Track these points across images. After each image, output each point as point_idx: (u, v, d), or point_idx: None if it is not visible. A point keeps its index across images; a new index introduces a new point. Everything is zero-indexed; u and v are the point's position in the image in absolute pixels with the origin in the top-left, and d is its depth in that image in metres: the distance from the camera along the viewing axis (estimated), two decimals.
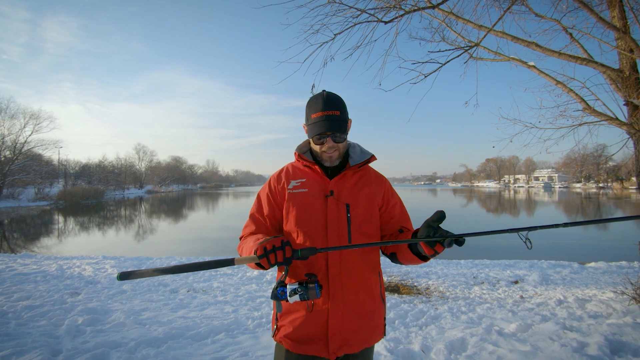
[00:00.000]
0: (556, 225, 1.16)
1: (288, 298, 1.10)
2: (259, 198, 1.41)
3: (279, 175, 1.40)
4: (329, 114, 1.26)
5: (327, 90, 1.33)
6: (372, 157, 1.40)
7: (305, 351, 1.24)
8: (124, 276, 1.09)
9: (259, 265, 1.12)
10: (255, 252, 1.07)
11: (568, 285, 5.15)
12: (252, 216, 1.39)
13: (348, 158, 1.39)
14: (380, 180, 1.40)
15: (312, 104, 1.31)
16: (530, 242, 1.11)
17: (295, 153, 1.41)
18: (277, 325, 1.31)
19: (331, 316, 1.22)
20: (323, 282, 1.23)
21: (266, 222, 1.35)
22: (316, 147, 1.33)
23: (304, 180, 1.33)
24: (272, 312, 1.38)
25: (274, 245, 1.05)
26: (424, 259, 1.19)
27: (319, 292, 1.11)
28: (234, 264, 1.11)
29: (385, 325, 1.38)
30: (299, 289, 1.10)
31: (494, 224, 18.10)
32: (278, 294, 1.10)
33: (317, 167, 1.32)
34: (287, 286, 1.11)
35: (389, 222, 1.36)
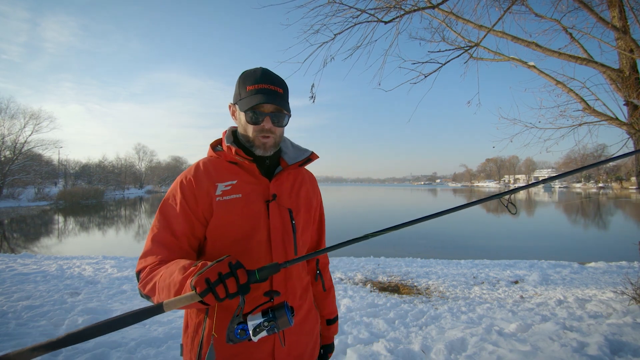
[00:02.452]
0: (544, 181, 1.05)
1: (252, 337, 0.80)
2: (164, 212, 1.01)
3: (196, 176, 1.02)
4: (270, 87, 0.99)
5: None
6: (313, 155, 1.16)
7: None
8: None
9: (202, 303, 0.78)
10: (194, 289, 0.74)
11: (568, 285, 5.15)
12: (156, 239, 0.98)
13: (280, 153, 1.15)
14: (312, 179, 1.23)
15: (246, 76, 1.03)
16: (514, 206, 0.97)
17: (229, 147, 1.05)
18: None
19: (277, 347, 1.00)
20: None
21: (181, 244, 0.98)
22: (247, 129, 1.04)
23: (234, 182, 1.02)
24: (185, 359, 1.03)
25: (219, 273, 0.74)
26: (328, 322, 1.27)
27: (292, 317, 0.82)
28: (163, 312, 0.77)
29: (319, 334, 1.24)
30: (265, 323, 0.80)
31: (493, 221, 18.12)
32: (237, 335, 0.79)
33: (254, 165, 1.04)
34: (249, 322, 0.81)
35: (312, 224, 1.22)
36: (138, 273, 0.96)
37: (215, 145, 1.13)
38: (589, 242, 12.09)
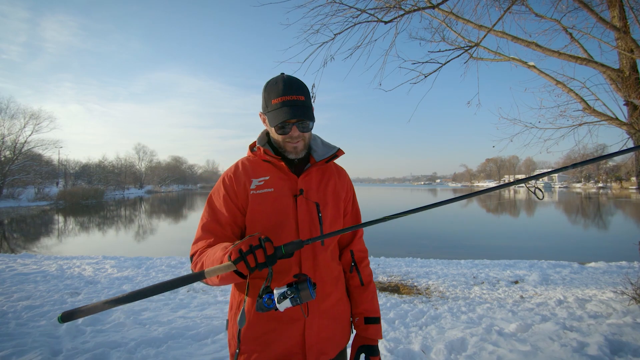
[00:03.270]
0: (565, 168, 1.10)
1: (277, 306, 0.91)
2: (211, 205, 1.18)
3: (235, 173, 1.19)
4: (292, 98, 1.10)
5: (286, 74, 1.18)
6: (339, 151, 1.28)
7: None
8: (66, 317, 0.89)
9: (238, 274, 0.94)
10: (230, 258, 0.89)
11: (568, 285, 5.15)
12: (205, 227, 1.14)
13: (310, 152, 1.26)
14: (341, 173, 1.32)
15: (271, 88, 1.14)
16: (541, 191, 1.05)
17: (258, 147, 1.20)
18: (238, 350, 1.09)
19: (308, 327, 1.11)
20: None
21: (226, 231, 1.14)
22: (278, 138, 1.16)
23: (267, 178, 1.17)
24: (228, 335, 1.20)
25: (250, 245, 0.89)
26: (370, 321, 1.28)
27: (314, 291, 0.93)
28: (204, 278, 0.94)
29: (351, 323, 1.32)
30: (289, 292, 0.91)
31: (493, 221, 18.14)
32: (264, 304, 0.92)
33: (283, 162, 1.17)
34: (274, 291, 0.92)
35: (344, 217, 1.30)
36: (191, 257, 1.12)
37: (253, 147, 1.26)
38: (589, 242, 12.09)
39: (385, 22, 4.31)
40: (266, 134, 1.27)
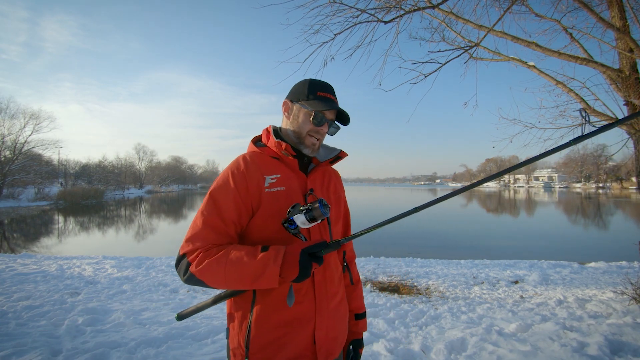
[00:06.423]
0: (557, 149, 1.09)
1: (294, 219, 0.99)
2: (214, 199, 1.06)
3: (247, 168, 1.09)
4: (334, 100, 1.18)
5: None
6: (342, 153, 1.28)
7: None
8: (182, 317, 1.12)
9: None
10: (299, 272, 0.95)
11: (568, 285, 5.15)
12: (207, 222, 1.03)
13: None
14: (337, 174, 1.34)
15: (317, 83, 1.17)
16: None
17: (276, 142, 1.14)
18: (247, 358, 1.05)
19: (318, 328, 1.10)
20: (309, 293, 1.09)
21: (229, 229, 1.05)
22: (302, 128, 1.15)
23: (278, 176, 1.11)
24: (231, 344, 1.12)
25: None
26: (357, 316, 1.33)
27: (325, 210, 0.97)
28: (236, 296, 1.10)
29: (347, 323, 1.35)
30: (301, 208, 0.98)
31: (493, 221, 18.12)
32: (291, 228, 1.00)
33: (297, 160, 1.16)
34: (291, 209, 1.01)
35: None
36: (184, 255, 1.02)
37: (256, 141, 1.23)
38: (589, 242, 12.08)
39: (386, 22, 4.31)
40: (276, 130, 1.22)
